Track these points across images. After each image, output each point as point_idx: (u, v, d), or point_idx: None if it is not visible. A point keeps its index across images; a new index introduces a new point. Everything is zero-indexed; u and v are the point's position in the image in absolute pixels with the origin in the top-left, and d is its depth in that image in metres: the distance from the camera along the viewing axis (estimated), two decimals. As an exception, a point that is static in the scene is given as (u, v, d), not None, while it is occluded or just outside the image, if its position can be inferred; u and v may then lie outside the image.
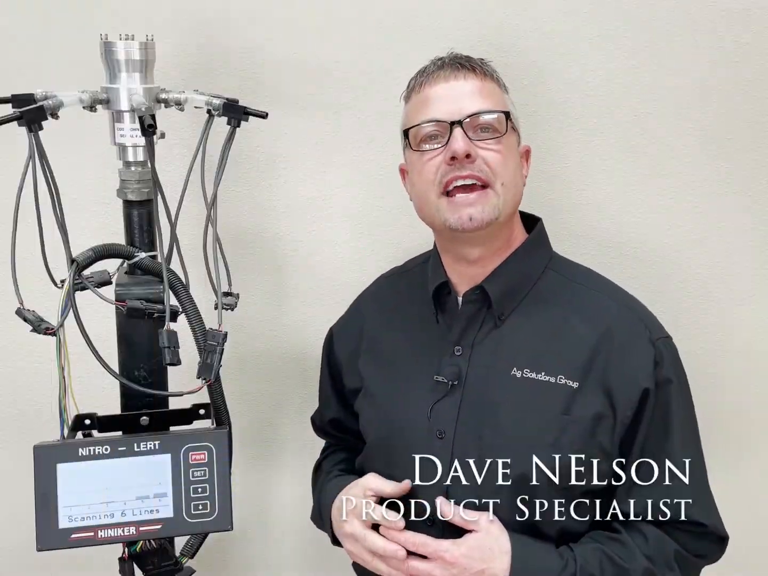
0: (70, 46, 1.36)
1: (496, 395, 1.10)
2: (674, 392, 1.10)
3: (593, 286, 1.17)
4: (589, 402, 1.07)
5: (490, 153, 1.07)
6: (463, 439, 1.10)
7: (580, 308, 1.13)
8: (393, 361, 1.21)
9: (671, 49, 1.44)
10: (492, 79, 1.13)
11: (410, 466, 1.12)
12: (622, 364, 1.08)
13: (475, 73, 1.11)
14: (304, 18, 1.40)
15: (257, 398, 1.59)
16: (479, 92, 1.10)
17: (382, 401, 1.21)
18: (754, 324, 1.57)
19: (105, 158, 1.39)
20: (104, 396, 1.23)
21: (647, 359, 1.09)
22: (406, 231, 1.50)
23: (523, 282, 1.14)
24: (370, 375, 1.24)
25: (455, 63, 1.12)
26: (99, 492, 1.04)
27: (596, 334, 1.10)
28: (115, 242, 1.13)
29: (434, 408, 1.12)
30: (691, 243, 1.53)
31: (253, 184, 1.47)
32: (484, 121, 1.08)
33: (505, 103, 1.13)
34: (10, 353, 1.51)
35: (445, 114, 1.08)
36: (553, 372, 1.08)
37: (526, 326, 1.12)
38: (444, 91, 1.10)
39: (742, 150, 1.49)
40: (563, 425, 1.07)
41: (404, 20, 1.41)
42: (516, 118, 1.14)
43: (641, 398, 1.08)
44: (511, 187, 1.09)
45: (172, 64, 1.37)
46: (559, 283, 1.16)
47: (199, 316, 1.10)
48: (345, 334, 1.33)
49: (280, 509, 1.66)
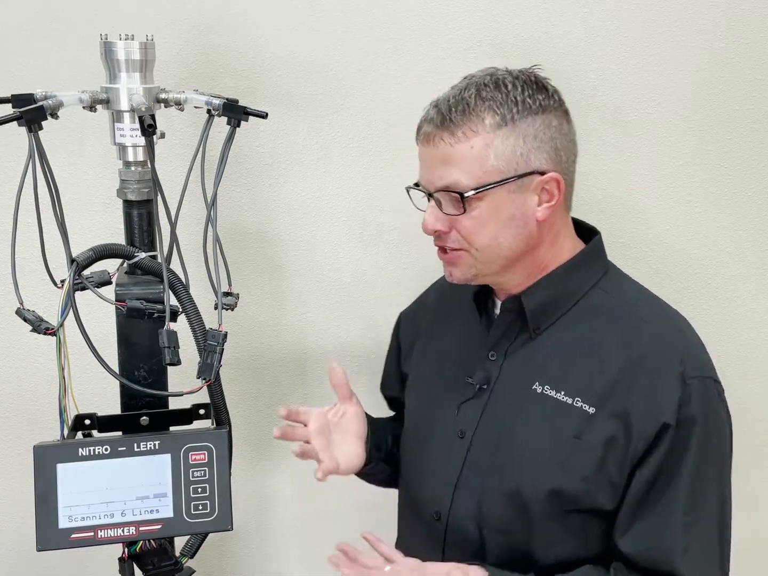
0: (70, 46, 1.36)
1: (515, 407, 1.09)
2: (697, 435, 1.02)
3: (640, 311, 1.10)
4: (602, 429, 1.03)
5: (461, 223, 1.04)
6: (479, 443, 1.11)
7: (618, 332, 1.07)
8: (437, 355, 1.24)
9: (671, 49, 1.44)
10: (470, 137, 1.01)
11: (431, 458, 1.16)
12: (645, 395, 1.03)
13: (450, 134, 1.02)
14: (304, 18, 1.40)
15: (257, 398, 1.59)
16: (446, 162, 1.03)
17: (420, 393, 1.25)
18: (754, 324, 1.57)
19: (105, 158, 1.39)
20: (104, 396, 1.23)
21: (673, 395, 1.02)
22: (406, 231, 1.51)
23: (563, 298, 1.10)
24: (417, 366, 1.28)
25: (437, 119, 1.04)
26: (99, 492, 1.04)
27: (626, 360, 1.05)
28: (115, 242, 1.13)
29: (461, 407, 1.14)
30: (691, 243, 1.53)
31: (253, 184, 1.48)
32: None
33: (475, 171, 1.02)
34: (10, 353, 1.51)
35: (423, 181, 1.08)
36: (573, 393, 1.06)
37: (559, 343, 1.09)
38: (423, 155, 1.08)
39: (742, 150, 1.49)
40: (573, 448, 1.04)
41: (404, 20, 1.41)
42: (515, 162, 1.02)
43: (658, 432, 1.01)
44: (489, 249, 1.05)
45: (172, 64, 1.37)
46: (605, 304, 1.10)
47: (199, 316, 1.10)
48: (408, 322, 1.35)
49: (280, 509, 1.66)
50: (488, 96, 1.03)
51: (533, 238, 1.07)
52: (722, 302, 1.58)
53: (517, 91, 1.03)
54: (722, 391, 1.08)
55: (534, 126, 1.03)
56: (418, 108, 1.47)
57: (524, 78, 1.05)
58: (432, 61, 1.43)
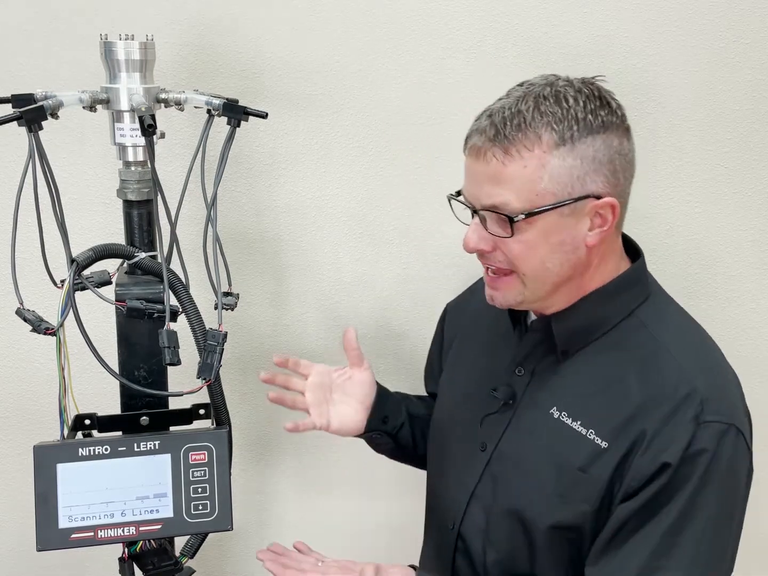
0: (70, 46, 1.36)
1: (532, 430, 1.07)
2: (696, 478, 0.94)
3: (674, 346, 1.02)
4: (611, 465, 0.98)
5: (508, 246, 0.98)
6: (497, 460, 1.09)
7: (644, 366, 1.01)
8: (469, 362, 1.22)
9: (671, 49, 1.44)
10: (524, 155, 0.94)
11: (452, 466, 1.15)
12: (653, 433, 0.96)
13: (504, 150, 0.94)
14: (304, 18, 1.40)
15: (257, 398, 1.59)
16: (496, 181, 0.96)
17: (448, 399, 1.24)
18: (754, 324, 1.57)
19: (105, 158, 1.39)
20: (104, 396, 1.23)
21: (681, 437, 0.94)
22: (406, 231, 1.51)
23: (595, 326, 1.04)
24: (451, 368, 1.26)
25: (490, 132, 0.96)
26: (99, 492, 1.03)
27: (645, 396, 0.98)
28: (115, 242, 1.13)
29: (485, 420, 1.12)
30: (691, 243, 1.53)
31: (253, 184, 1.48)
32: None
33: (527, 193, 0.95)
34: (10, 353, 1.51)
35: (468, 195, 1.01)
36: (588, 424, 1.01)
37: (585, 369, 1.04)
38: (471, 168, 0.99)
39: (742, 150, 1.49)
40: (577, 481, 1.00)
41: (404, 20, 1.41)
42: (570, 185, 0.95)
43: (655, 472, 0.95)
44: (536, 276, 0.99)
45: (172, 64, 1.37)
46: (638, 335, 1.03)
47: (199, 316, 1.10)
48: (453, 317, 1.33)
49: (280, 509, 1.66)
50: (547, 111, 0.94)
51: (581, 264, 1.00)
52: (722, 302, 1.58)
53: (579, 107, 0.95)
54: (747, 443, 0.99)
55: (594, 146, 0.95)
56: (418, 108, 1.48)
57: (587, 92, 0.97)
58: (432, 61, 1.43)
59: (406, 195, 1.48)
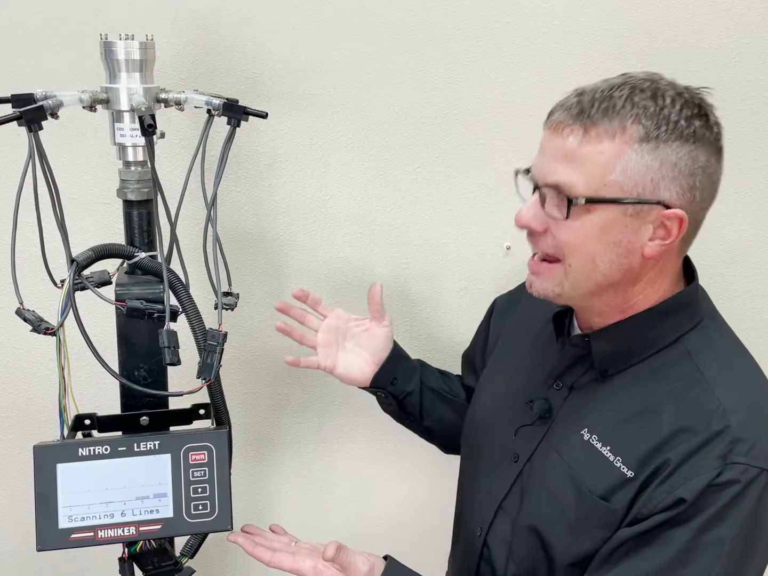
0: (70, 46, 1.36)
1: (562, 447, 1.03)
2: (709, 514, 0.89)
3: (717, 380, 0.96)
4: (633, 492, 0.94)
5: (559, 229, 0.94)
6: (528, 473, 1.07)
7: (682, 397, 0.96)
8: (510, 367, 1.19)
9: (671, 49, 1.44)
10: (603, 140, 0.90)
11: (483, 473, 1.14)
12: (675, 466, 0.92)
13: (584, 130, 0.91)
14: (303, 18, 1.40)
15: (257, 398, 1.59)
16: (567, 159, 0.92)
17: (486, 396, 1.22)
18: (754, 324, 1.57)
19: (105, 158, 1.39)
20: (104, 396, 1.23)
21: (704, 475, 0.89)
22: (406, 231, 1.51)
23: (638, 348, 1.00)
24: (492, 370, 1.24)
25: (574, 109, 0.92)
26: (99, 492, 1.03)
27: (675, 427, 0.93)
28: (115, 242, 1.13)
29: (519, 431, 1.10)
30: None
31: (253, 184, 1.47)
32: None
33: (595, 179, 0.91)
34: (10, 353, 1.51)
35: (535, 171, 0.97)
36: (617, 451, 0.97)
37: (623, 393, 1.00)
38: (546, 141, 0.96)
39: (742, 150, 1.49)
40: (596, 507, 0.97)
41: (404, 20, 1.41)
42: (641, 185, 0.91)
43: (668, 505, 0.91)
44: (581, 269, 0.95)
45: (172, 64, 1.37)
46: (682, 364, 0.98)
47: (199, 316, 1.10)
48: (500, 313, 1.30)
49: (280, 509, 1.66)
50: (640, 103, 0.90)
51: (632, 272, 0.96)
52: (722, 302, 1.57)
53: (674, 109, 0.90)
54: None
55: (678, 153, 0.90)
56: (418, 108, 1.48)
57: (687, 97, 0.92)
58: (432, 61, 1.43)
59: (406, 195, 1.48)
